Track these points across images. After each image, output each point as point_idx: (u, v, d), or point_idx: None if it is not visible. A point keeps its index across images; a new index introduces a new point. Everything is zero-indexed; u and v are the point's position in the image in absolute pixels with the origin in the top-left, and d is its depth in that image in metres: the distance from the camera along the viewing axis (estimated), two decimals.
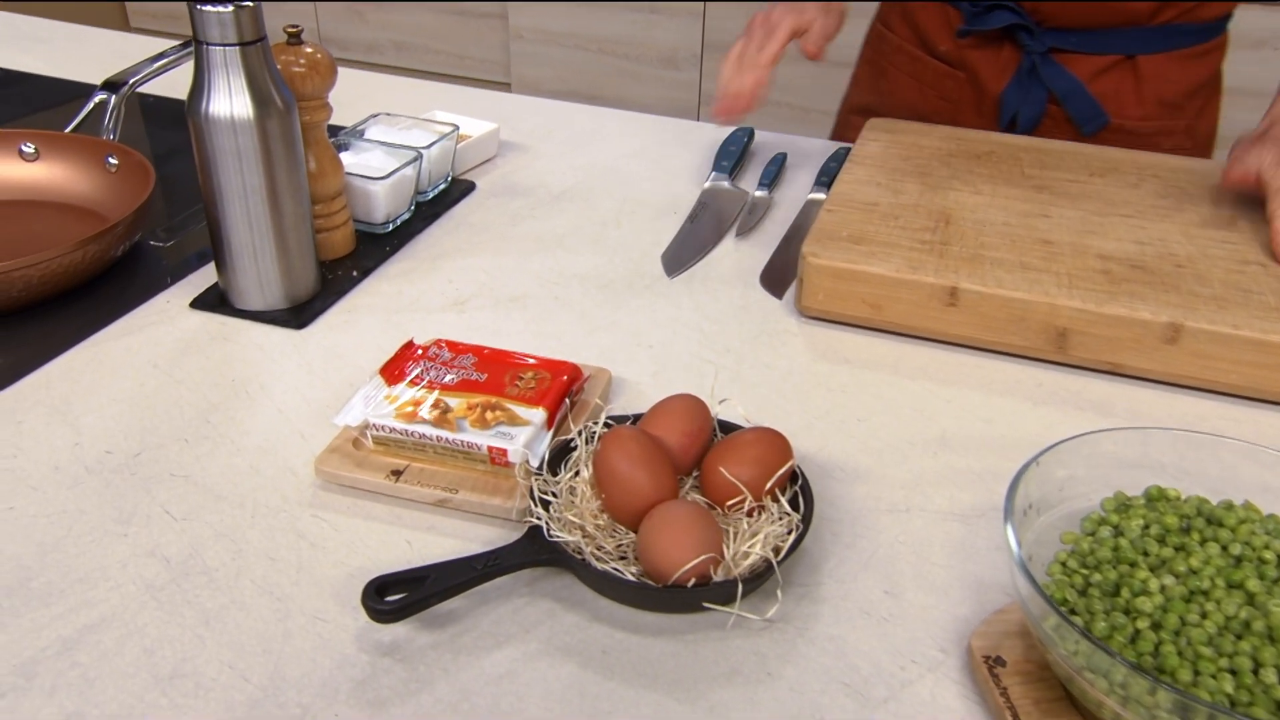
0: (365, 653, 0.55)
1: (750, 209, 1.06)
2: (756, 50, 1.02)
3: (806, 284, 0.85)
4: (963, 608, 0.59)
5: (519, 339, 0.83)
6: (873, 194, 0.95)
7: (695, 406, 0.66)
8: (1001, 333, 0.81)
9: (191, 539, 0.62)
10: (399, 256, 0.95)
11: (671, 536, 0.56)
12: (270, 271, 0.84)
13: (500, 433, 0.65)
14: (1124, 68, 1.10)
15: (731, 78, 1.01)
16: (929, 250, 0.85)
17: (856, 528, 0.65)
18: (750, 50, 1.02)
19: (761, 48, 1.01)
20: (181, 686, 0.53)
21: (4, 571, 0.59)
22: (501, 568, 0.57)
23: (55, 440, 0.70)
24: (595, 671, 0.54)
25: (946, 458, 0.71)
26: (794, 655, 0.55)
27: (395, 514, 0.64)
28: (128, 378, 0.77)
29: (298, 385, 0.76)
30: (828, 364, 0.81)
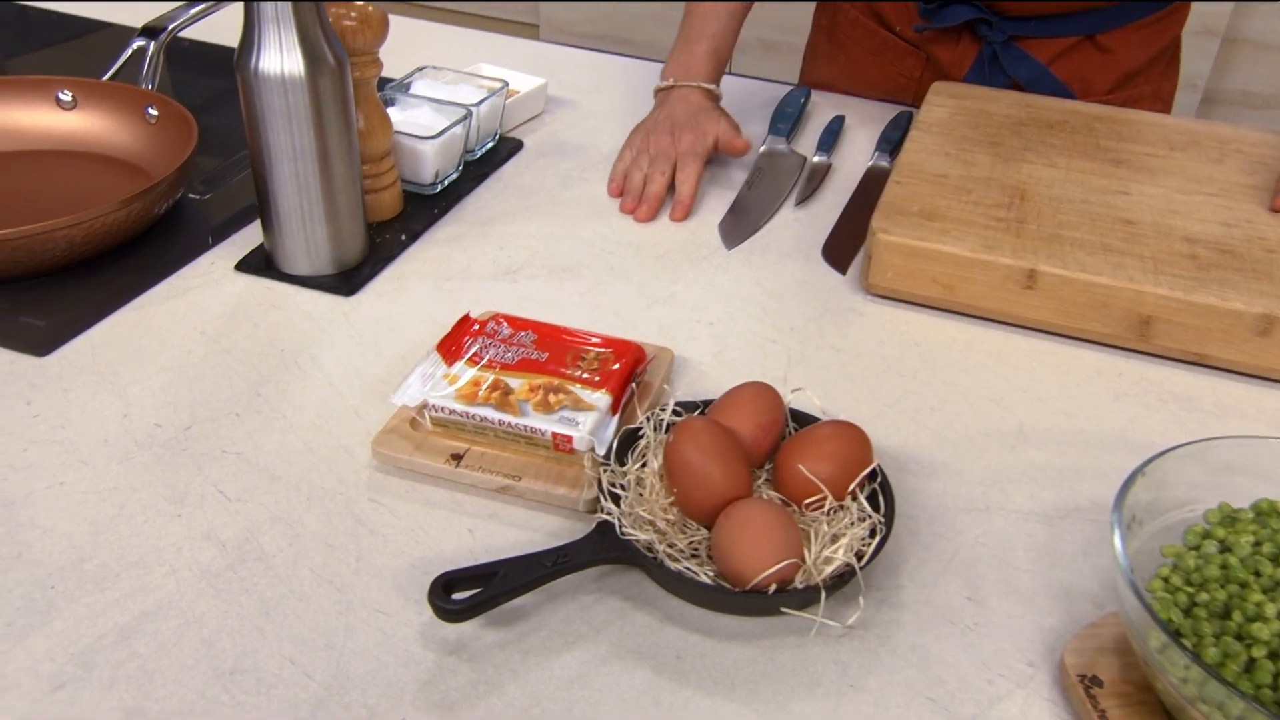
0: (430, 651, 0.53)
1: (809, 175, 1.02)
2: (660, 175, 0.95)
3: (875, 261, 0.81)
4: (1050, 618, 0.56)
5: (575, 311, 0.80)
6: (942, 164, 0.91)
7: (768, 396, 0.63)
8: (1080, 319, 0.78)
9: (246, 522, 0.60)
10: (447, 219, 0.92)
11: (751, 539, 0.53)
12: (319, 236, 0.81)
13: (564, 418, 0.63)
14: (1085, 47, 1.08)
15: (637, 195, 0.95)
16: (1005, 229, 0.81)
17: (934, 527, 0.62)
18: (654, 180, 0.95)
19: (663, 173, 0.95)
20: (243, 682, 0.51)
21: (57, 551, 0.57)
22: (571, 565, 0.54)
23: (103, 411, 0.68)
24: (669, 678, 0.52)
25: (1025, 452, 0.68)
26: (876, 666, 0.53)
27: (455, 500, 0.62)
28: (174, 345, 0.74)
29: (349, 357, 0.74)
30: (896, 347, 0.78)
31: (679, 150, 0.96)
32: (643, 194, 0.94)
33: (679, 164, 0.96)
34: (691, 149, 0.96)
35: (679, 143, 0.97)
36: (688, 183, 0.94)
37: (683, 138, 0.97)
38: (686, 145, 0.97)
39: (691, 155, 0.96)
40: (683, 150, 0.96)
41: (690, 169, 0.95)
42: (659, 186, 0.94)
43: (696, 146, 0.97)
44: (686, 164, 0.95)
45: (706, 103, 1.02)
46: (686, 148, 0.96)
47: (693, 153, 0.96)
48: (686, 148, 0.96)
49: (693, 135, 0.97)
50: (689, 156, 0.96)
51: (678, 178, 0.95)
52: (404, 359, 0.74)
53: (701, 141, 0.97)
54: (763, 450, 0.61)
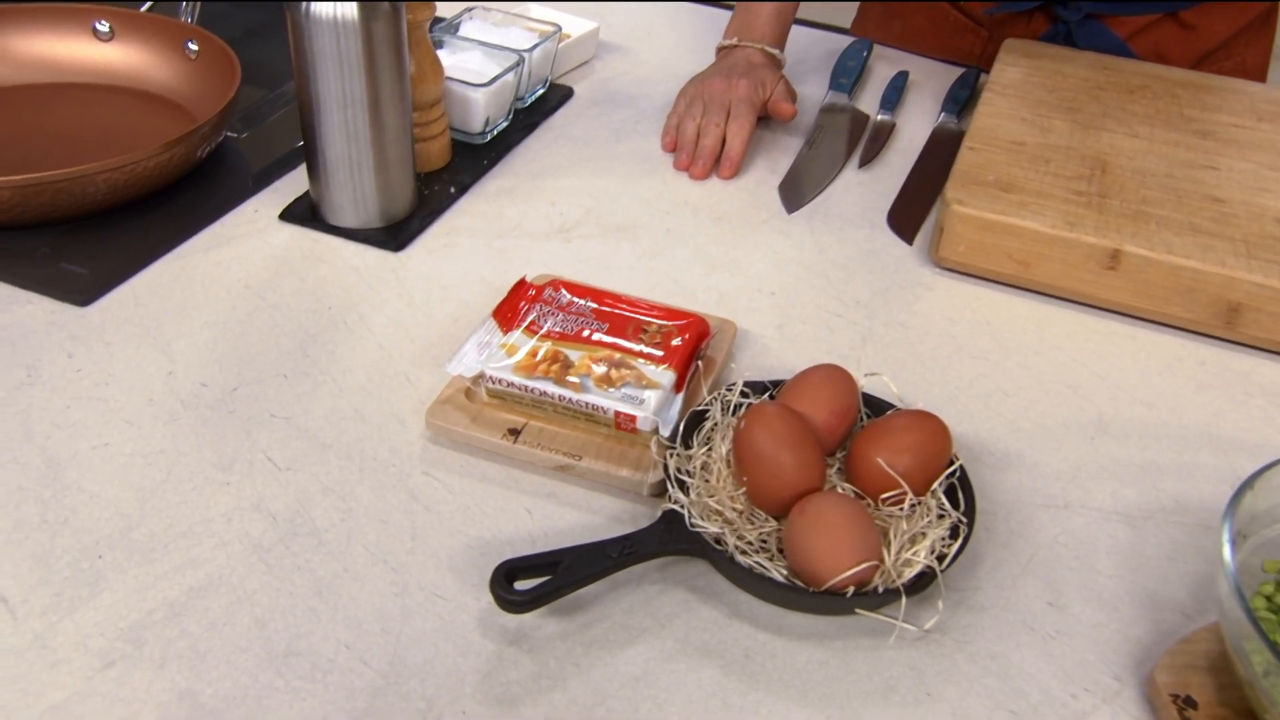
0: (490, 640, 0.51)
1: (872, 134, 0.98)
2: (714, 127, 0.90)
3: (947, 234, 0.78)
4: (1136, 628, 0.54)
5: (632, 276, 0.77)
6: (1018, 130, 0.86)
7: (841, 381, 0.60)
8: (1164, 303, 0.74)
9: (297, 493, 0.58)
10: (497, 171, 0.88)
11: (828, 537, 0.51)
12: (368, 187, 0.78)
13: (627, 395, 0.60)
14: (1166, 23, 1.02)
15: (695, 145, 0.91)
16: (1086, 204, 0.77)
17: (1011, 523, 0.59)
18: (708, 132, 0.90)
19: (718, 124, 0.90)
20: (297, 667, 0.49)
21: (104, 518, 0.55)
22: (638, 556, 0.52)
23: (147, 368, 0.66)
24: (738, 678, 0.50)
25: (1105, 445, 0.65)
26: (954, 674, 0.51)
27: (512, 477, 0.60)
28: (219, 298, 0.72)
29: (399, 318, 0.71)
30: (967, 325, 0.74)
31: (734, 96, 0.92)
32: (696, 149, 0.90)
33: (732, 112, 0.91)
34: (748, 96, 0.92)
35: (734, 88, 0.92)
36: (739, 135, 0.90)
37: (739, 84, 0.93)
38: (743, 92, 0.92)
39: (746, 103, 0.92)
40: (738, 96, 0.92)
41: (743, 119, 0.90)
42: (713, 140, 0.90)
43: (753, 95, 0.92)
44: (740, 113, 0.91)
45: (768, 62, 0.98)
46: (743, 94, 0.92)
47: (748, 100, 0.92)
48: (743, 94, 0.92)
49: (750, 83, 0.93)
50: (743, 104, 0.91)
51: (729, 129, 0.90)
52: (455, 322, 0.71)
53: (758, 91, 0.93)
54: (835, 438, 0.58)
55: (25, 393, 0.63)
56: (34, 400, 0.63)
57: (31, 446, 0.59)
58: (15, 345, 0.67)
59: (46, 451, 0.59)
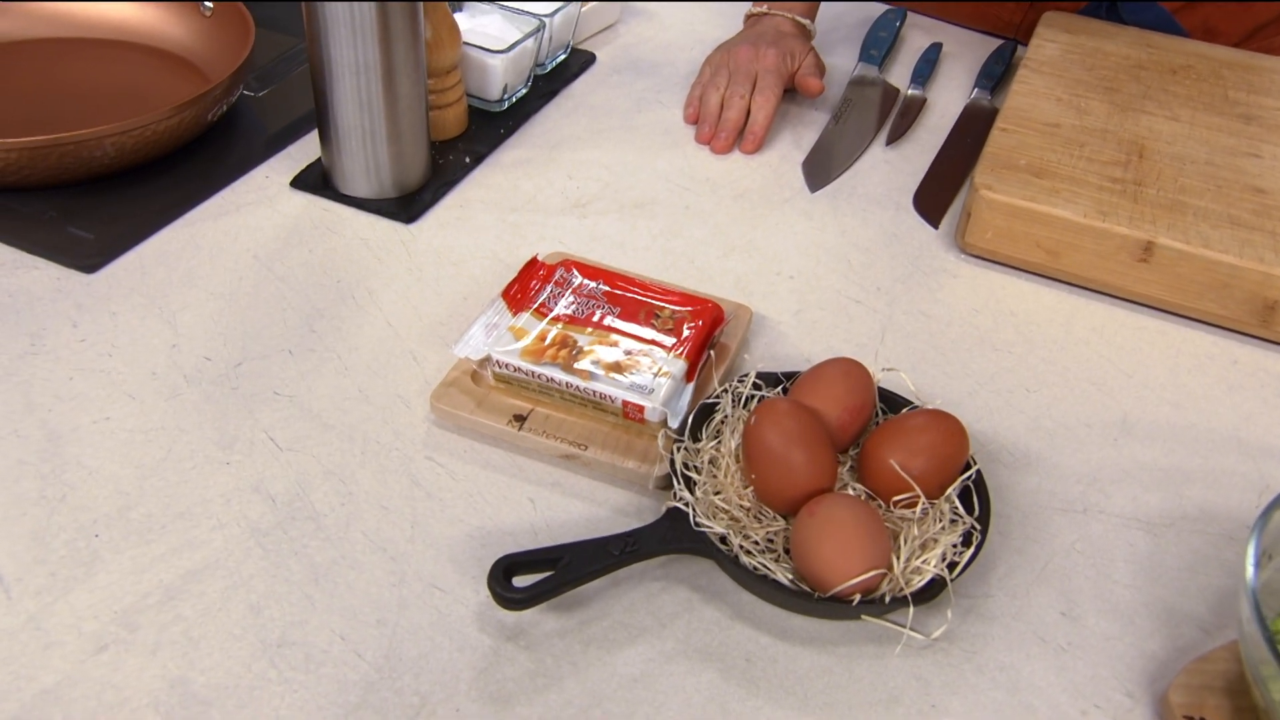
0: (487, 635, 0.50)
1: (902, 110, 0.95)
2: (739, 99, 0.88)
3: (975, 219, 0.75)
4: (1152, 642, 0.52)
5: (647, 256, 0.75)
6: (1053, 111, 0.83)
7: (857, 376, 0.58)
8: (1197, 298, 0.71)
9: (298, 474, 0.57)
10: (514, 141, 0.86)
11: (836, 542, 0.49)
12: (380, 157, 0.76)
13: (636, 384, 0.58)
14: None
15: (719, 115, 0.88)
16: (1121, 192, 0.74)
17: (1027, 528, 0.58)
18: (732, 104, 0.87)
19: (742, 96, 0.88)
20: (291, 657, 0.48)
21: (103, 496, 0.55)
22: (641, 553, 0.51)
23: (151, 339, 0.65)
24: (738, 683, 0.49)
25: (1129, 447, 0.63)
26: (961, 685, 0.50)
27: (517, 464, 0.59)
28: (226, 268, 0.71)
29: (407, 294, 0.70)
30: (991, 315, 0.72)
31: (760, 65, 0.89)
32: (719, 121, 0.88)
33: (758, 83, 0.88)
34: (775, 67, 0.89)
35: (762, 57, 0.90)
36: (764, 108, 0.87)
37: (767, 53, 0.90)
38: (770, 62, 0.89)
39: (773, 74, 0.89)
40: (765, 66, 0.89)
41: (769, 91, 0.87)
42: (736, 112, 0.87)
43: (780, 66, 0.90)
44: (766, 84, 0.88)
45: (798, 32, 0.95)
46: (770, 64, 0.89)
47: (775, 71, 0.89)
48: (770, 64, 0.89)
49: (778, 52, 0.90)
50: (770, 75, 0.89)
51: (754, 101, 0.88)
52: (465, 300, 0.69)
53: (785, 62, 0.90)
54: (848, 435, 0.57)
55: (28, 362, 0.62)
56: (37, 371, 0.62)
57: (33, 419, 0.59)
58: (20, 313, 0.66)
59: (48, 425, 0.59)
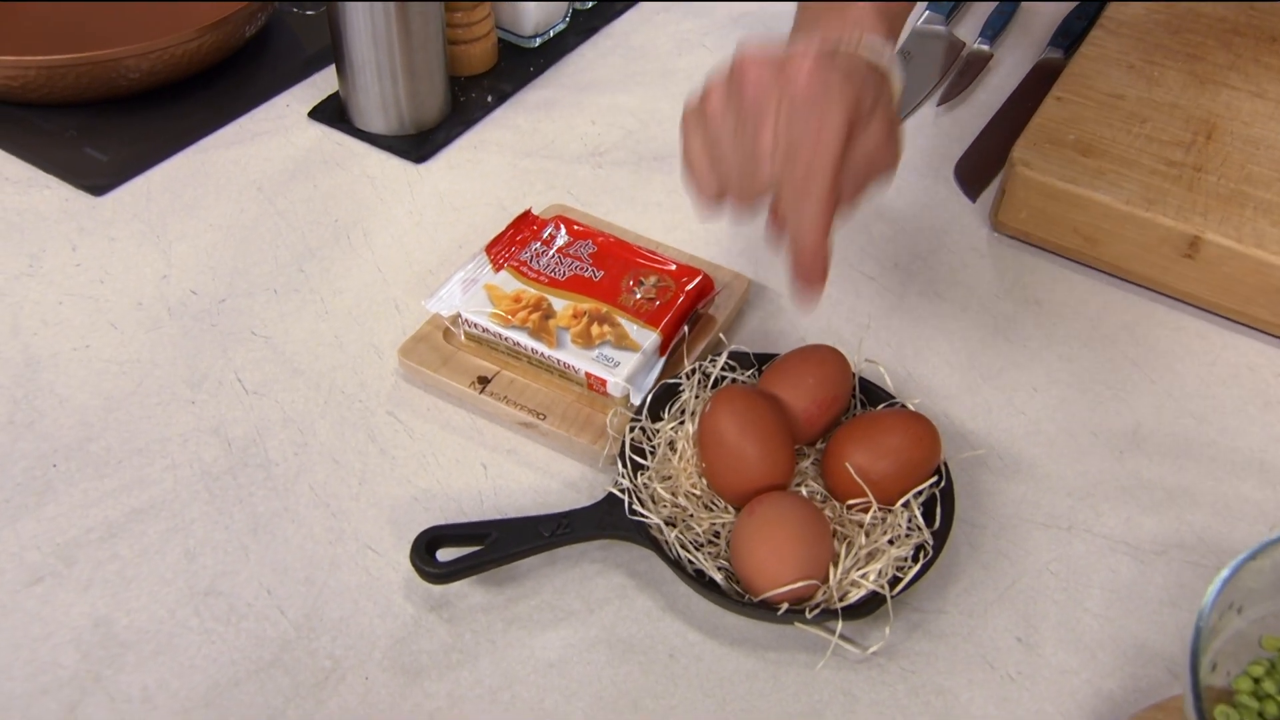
0: (411, 603, 0.49)
1: (963, 66, 0.88)
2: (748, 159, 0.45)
3: (1009, 197, 0.70)
4: (1110, 680, 0.49)
5: (656, 213, 0.72)
6: (1120, 79, 0.76)
7: (834, 365, 0.55)
8: (1245, 301, 0.65)
9: (258, 420, 0.57)
10: (544, 79, 0.84)
11: (772, 546, 0.47)
12: (394, 93, 0.74)
13: (603, 356, 0.56)
14: None
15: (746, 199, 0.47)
16: (1176, 177, 0.68)
17: (1000, 542, 0.54)
18: (742, 149, 0.45)
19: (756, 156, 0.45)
20: (215, 607, 0.49)
21: (68, 426, 0.56)
22: (571, 537, 0.49)
23: (144, 268, 0.65)
24: (657, 678, 0.47)
25: (1134, 461, 0.58)
26: (890, 706, 0.47)
27: (476, 427, 0.58)
28: (229, 199, 0.70)
29: (403, 238, 0.68)
30: (1013, 303, 0.67)
31: (795, 175, 0.44)
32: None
33: (793, 197, 0.45)
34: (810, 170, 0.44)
35: (795, 162, 0.44)
36: (811, 216, 0.45)
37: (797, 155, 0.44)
38: (803, 167, 0.44)
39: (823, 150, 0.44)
40: (799, 175, 0.44)
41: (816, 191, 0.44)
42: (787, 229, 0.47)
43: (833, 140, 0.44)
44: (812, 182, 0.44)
45: (869, 74, 0.46)
46: (803, 170, 0.44)
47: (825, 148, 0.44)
48: (803, 170, 0.44)
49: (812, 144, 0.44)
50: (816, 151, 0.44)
51: (793, 211, 0.45)
52: (460, 248, 0.68)
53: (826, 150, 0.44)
54: (816, 428, 0.54)
55: (23, 284, 0.64)
56: (29, 293, 0.63)
57: (17, 342, 0.60)
58: (25, 232, 0.67)
59: (30, 349, 0.60)
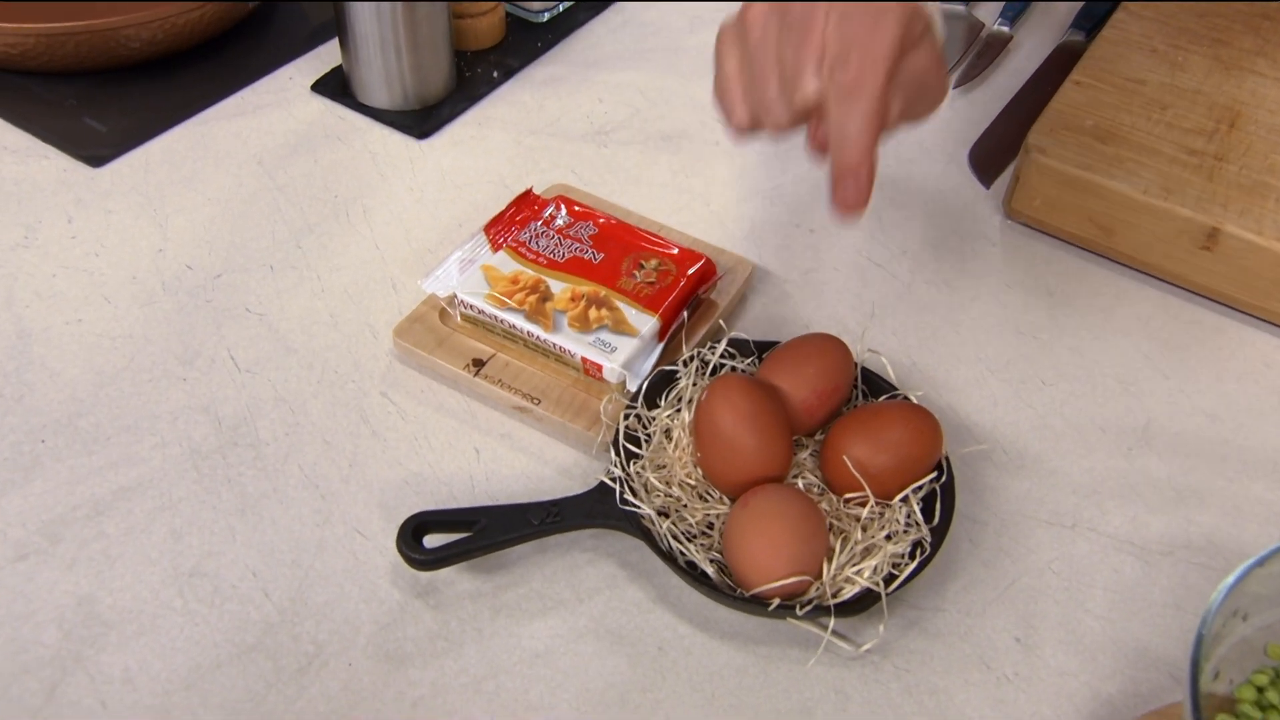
0: (398, 589, 0.49)
1: (982, 48, 0.86)
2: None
3: (1023, 184, 0.68)
4: (1110, 684, 0.47)
5: (662, 194, 0.70)
6: (1142, 64, 0.74)
7: (836, 355, 0.53)
8: (1265, 296, 0.63)
9: (250, 398, 0.56)
10: (550, 56, 0.82)
11: (766, 540, 0.46)
12: (397, 68, 0.73)
13: (600, 340, 0.55)
14: None
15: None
16: (1196, 166, 0.66)
17: (1002, 539, 0.53)
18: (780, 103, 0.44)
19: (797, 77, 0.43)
20: (199, 588, 0.48)
21: (58, 401, 0.55)
22: (561, 526, 0.48)
23: (140, 242, 0.64)
24: (645, 671, 0.47)
25: (1143, 459, 0.57)
26: (882, 704, 0.46)
27: (470, 410, 0.57)
28: (228, 173, 0.69)
29: (402, 215, 0.67)
30: (1024, 293, 0.66)
31: (845, 79, 0.42)
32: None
33: (841, 101, 0.42)
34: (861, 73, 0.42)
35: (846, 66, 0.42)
36: (858, 121, 0.42)
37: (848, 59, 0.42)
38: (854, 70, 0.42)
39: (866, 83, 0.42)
40: (849, 79, 0.42)
41: (862, 108, 0.42)
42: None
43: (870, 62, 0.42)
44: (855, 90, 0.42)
45: None
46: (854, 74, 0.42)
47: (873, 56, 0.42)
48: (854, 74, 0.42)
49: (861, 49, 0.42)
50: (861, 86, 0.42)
51: (838, 129, 0.43)
52: (460, 227, 0.67)
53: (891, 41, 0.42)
54: (816, 419, 0.53)
55: (18, 255, 0.63)
56: (24, 264, 0.62)
57: (9, 314, 0.59)
58: (21, 203, 0.66)
59: (22, 321, 0.59)
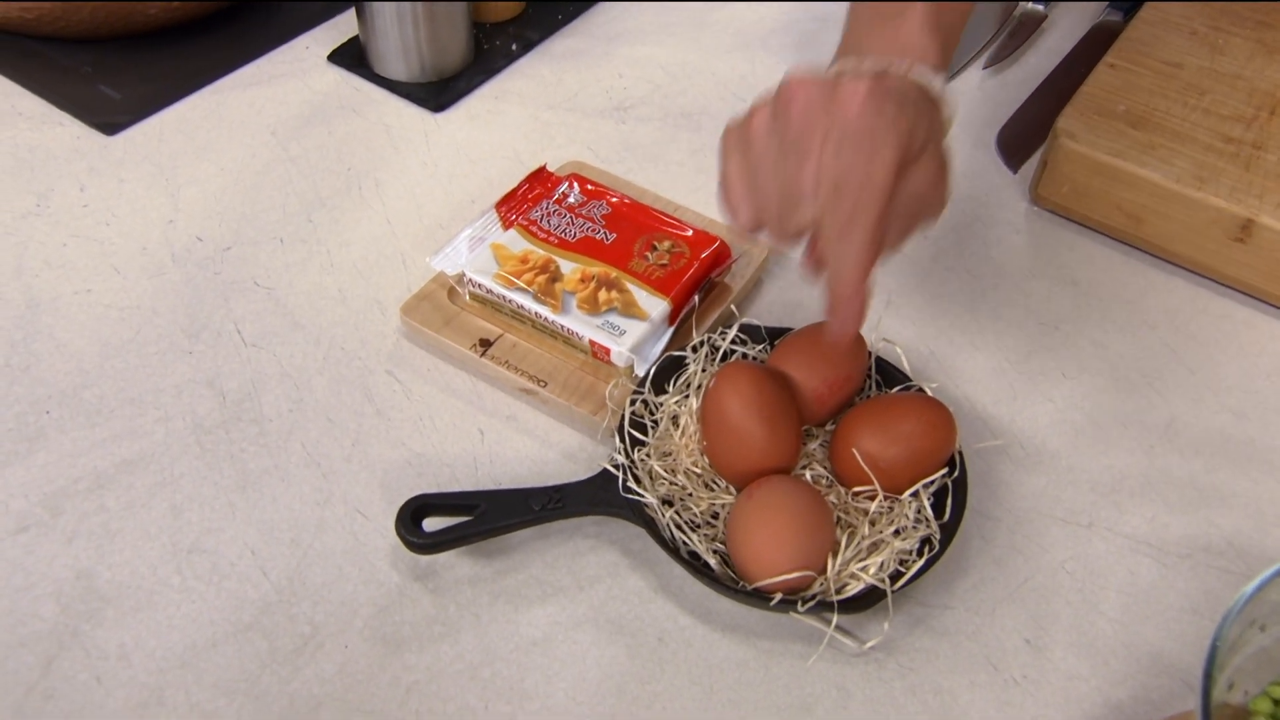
0: (397, 571, 0.48)
1: (1015, 27, 0.84)
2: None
3: (1051, 170, 0.66)
4: (1121, 689, 0.46)
5: (679, 173, 0.69)
6: (1181, 47, 0.72)
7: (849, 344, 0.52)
8: None
9: (255, 373, 0.56)
10: (571, 29, 0.81)
11: (769, 533, 0.45)
12: (414, 39, 0.72)
13: (609, 323, 0.54)
14: None
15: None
16: (1232, 155, 0.64)
17: (1015, 536, 0.51)
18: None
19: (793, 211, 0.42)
20: (198, 565, 0.48)
21: (63, 372, 0.55)
22: (563, 512, 0.48)
23: (150, 213, 0.64)
24: (644, 662, 0.46)
25: (1165, 457, 0.55)
26: (886, 703, 0.45)
27: (476, 391, 0.56)
28: (242, 144, 0.69)
29: (415, 190, 0.66)
30: (1048, 282, 0.64)
31: (839, 213, 0.41)
32: None
33: (835, 235, 0.41)
34: (855, 209, 0.40)
35: (841, 199, 0.40)
36: (852, 254, 0.41)
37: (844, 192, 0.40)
38: (849, 205, 0.40)
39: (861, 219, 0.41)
40: (844, 214, 0.41)
41: (856, 244, 0.41)
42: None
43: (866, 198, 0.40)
44: (856, 220, 0.41)
45: (921, 101, 0.43)
46: (849, 209, 0.40)
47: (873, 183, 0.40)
48: (849, 209, 0.40)
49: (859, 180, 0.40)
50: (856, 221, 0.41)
51: (834, 260, 0.42)
52: (472, 203, 0.66)
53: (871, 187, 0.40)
54: (827, 409, 0.51)
55: (29, 223, 0.63)
56: (35, 232, 0.62)
57: (19, 283, 0.59)
58: (35, 170, 0.66)
59: (31, 290, 0.59)
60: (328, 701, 0.44)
